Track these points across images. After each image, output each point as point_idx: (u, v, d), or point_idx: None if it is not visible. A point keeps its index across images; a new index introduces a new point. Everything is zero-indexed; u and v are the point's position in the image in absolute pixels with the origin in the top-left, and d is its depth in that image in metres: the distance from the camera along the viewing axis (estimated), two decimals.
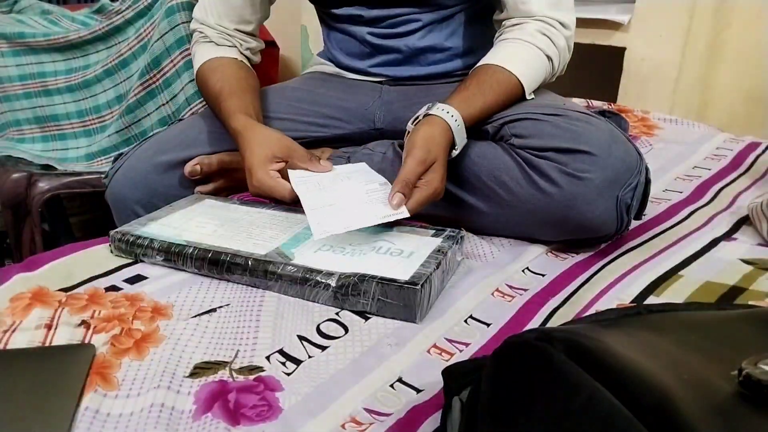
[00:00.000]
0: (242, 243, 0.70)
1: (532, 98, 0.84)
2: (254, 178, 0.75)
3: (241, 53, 0.96)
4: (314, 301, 0.65)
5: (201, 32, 0.95)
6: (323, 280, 0.63)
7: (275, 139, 0.78)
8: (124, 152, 0.94)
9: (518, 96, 0.82)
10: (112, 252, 0.74)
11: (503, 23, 0.88)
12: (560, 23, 0.84)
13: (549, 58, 0.84)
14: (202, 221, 0.77)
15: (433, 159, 0.70)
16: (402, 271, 0.63)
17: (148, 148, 0.91)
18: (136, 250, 0.72)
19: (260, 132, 0.79)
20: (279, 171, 0.76)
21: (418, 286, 0.60)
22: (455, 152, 0.75)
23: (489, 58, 0.83)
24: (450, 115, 0.74)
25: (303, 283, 0.64)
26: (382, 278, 0.61)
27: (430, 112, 0.75)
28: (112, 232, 0.73)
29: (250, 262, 0.66)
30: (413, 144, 0.71)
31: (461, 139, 0.75)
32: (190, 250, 0.69)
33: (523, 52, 0.83)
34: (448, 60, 0.96)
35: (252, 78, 0.94)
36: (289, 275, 0.65)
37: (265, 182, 0.74)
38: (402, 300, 0.61)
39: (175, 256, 0.70)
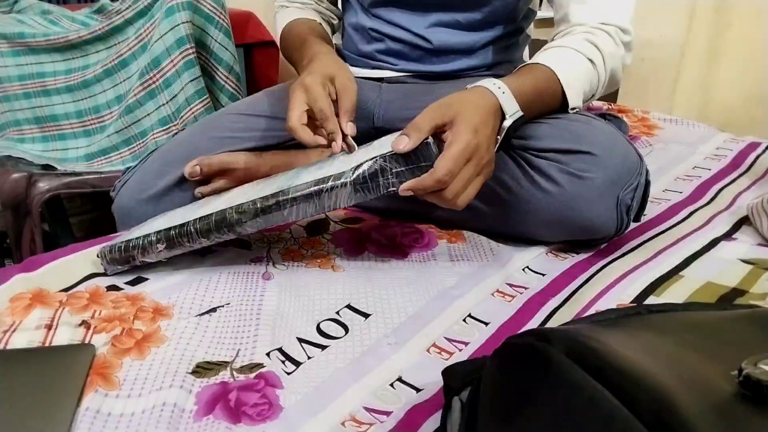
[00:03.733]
0: (238, 200, 0.68)
1: (577, 108, 0.78)
2: (309, 76, 0.74)
3: (323, 18, 1.02)
4: (334, 207, 0.64)
5: (284, 2, 1.02)
6: (338, 182, 0.63)
7: (344, 71, 0.77)
8: (131, 167, 0.94)
9: (559, 94, 0.76)
10: (106, 272, 0.70)
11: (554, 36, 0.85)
12: (617, 28, 0.80)
13: (592, 62, 0.78)
14: (188, 211, 0.75)
15: (452, 114, 0.63)
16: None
17: (153, 162, 0.91)
18: (132, 252, 0.69)
19: (336, 59, 0.80)
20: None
21: (430, 140, 0.61)
22: (508, 121, 0.68)
23: (532, 59, 0.79)
24: (494, 83, 0.69)
25: (318, 194, 0.63)
26: (391, 151, 0.62)
27: (473, 84, 0.70)
28: (98, 251, 0.70)
29: (259, 204, 0.64)
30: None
31: (511, 107, 0.68)
32: (191, 223, 0.66)
33: (565, 56, 0.78)
34: (459, 59, 0.96)
35: (330, 39, 0.99)
36: (302, 194, 0.63)
37: (317, 85, 0.72)
38: (420, 159, 0.61)
39: (177, 237, 0.67)
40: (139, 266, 0.70)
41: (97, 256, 0.71)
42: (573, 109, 0.78)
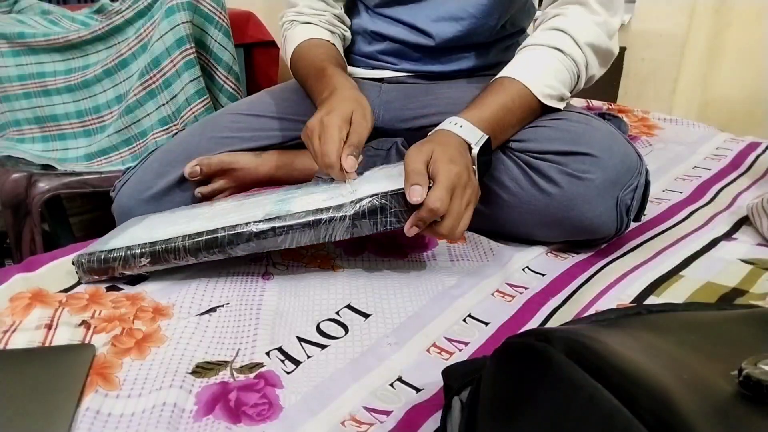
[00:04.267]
0: (229, 222, 0.66)
1: (565, 98, 0.78)
2: (328, 115, 0.71)
3: (337, 33, 0.98)
4: (330, 239, 0.64)
5: (294, 17, 0.97)
6: (337, 214, 0.63)
7: (360, 109, 0.74)
8: (131, 167, 0.94)
9: (534, 99, 0.76)
10: (80, 280, 0.67)
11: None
12: (588, 7, 0.78)
13: (560, 50, 0.77)
14: (168, 223, 0.72)
15: (431, 149, 0.64)
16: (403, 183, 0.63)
17: (153, 162, 0.91)
18: (112, 264, 0.66)
19: (355, 95, 0.77)
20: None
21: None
22: (474, 149, 0.69)
23: (501, 73, 0.79)
24: (450, 122, 0.71)
25: (316, 224, 0.63)
26: (394, 191, 0.62)
27: (432, 131, 0.72)
28: (74, 258, 0.67)
29: (253, 227, 0.63)
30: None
31: (473, 136, 0.69)
32: (180, 240, 0.65)
33: (529, 58, 0.78)
34: (459, 59, 0.96)
35: (339, 56, 0.95)
36: (299, 222, 0.63)
37: (333, 128, 0.70)
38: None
39: (164, 253, 0.65)
40: (118, 278, 0.68)
41: (72, 264, 0.68)
42: (562, 99, 0.78)
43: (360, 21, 0.98)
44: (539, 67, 0.77)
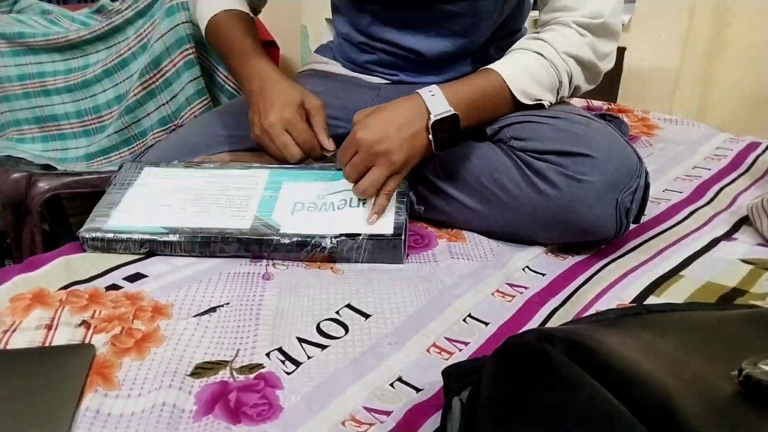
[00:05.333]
0: (219, 218, 0.75)
1: (544, 100, 0.79)
2: (278, 117, 0.78)
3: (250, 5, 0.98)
4: (309, 260, 0.73)
5: None
6: (319, 244, 0.72)
7: (307, 93, 0.82)
8: (128, 161, 0.94)
9: (507, 95, 0.77)
10: (86, 250, 0.74)
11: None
12: (577, 18, 0.78)
13: (540, 54, 0.77)
14: (163, 199, 0.78)
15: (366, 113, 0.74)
16: (384, 224, 0.73)
17: (151, 156, 0.91)
18: (114, 246, 0.73)
19: (291, 82, 0.82)
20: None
21: (402, 237, 0.71)
22: (433, 118, 0.71)
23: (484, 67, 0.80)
24: (428, 88, 0.74)
25: (300, 249, 0.72)
26: (371, 235, 0.72)
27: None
28: (81, 233, 0.73)
29: (244, 238, 0.72)
30: None
31: (439, 107, 0.72)
32: (176, 238, 0.72)
33: (516, 59, 0.79)
34: (455, 66, 0.95)
35: (257, 34, 0.95)
36: (284, 245, 0.72)
37: (299, 125, 0.78)
38: (390, 250, 0.72)
39: (161, 245, 0.73)
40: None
41: (77, 234, 0.74)
42: (537, 100, 0.78)
43: (348, 31, 0.96)
44: (519, 66, 0.78)
